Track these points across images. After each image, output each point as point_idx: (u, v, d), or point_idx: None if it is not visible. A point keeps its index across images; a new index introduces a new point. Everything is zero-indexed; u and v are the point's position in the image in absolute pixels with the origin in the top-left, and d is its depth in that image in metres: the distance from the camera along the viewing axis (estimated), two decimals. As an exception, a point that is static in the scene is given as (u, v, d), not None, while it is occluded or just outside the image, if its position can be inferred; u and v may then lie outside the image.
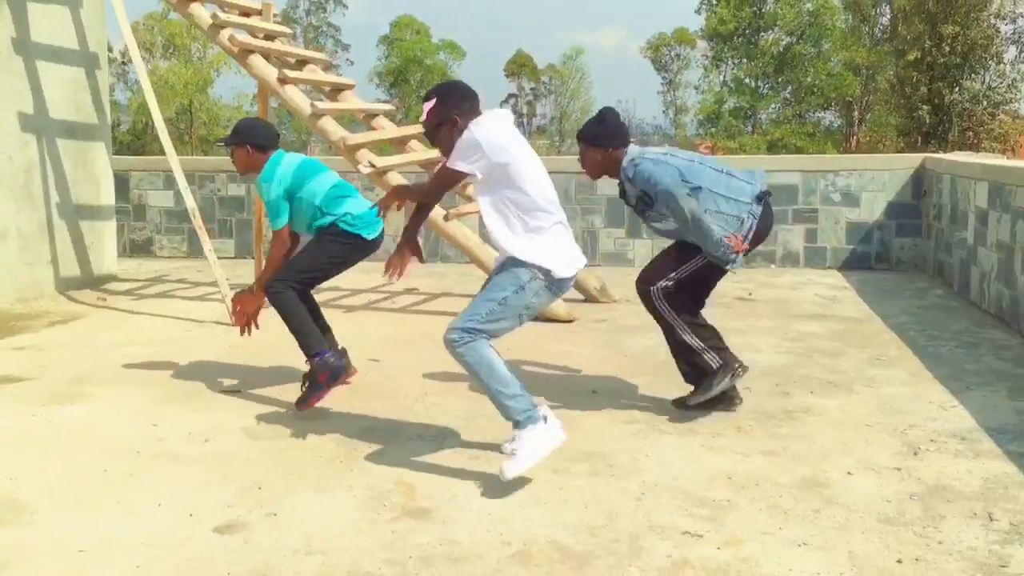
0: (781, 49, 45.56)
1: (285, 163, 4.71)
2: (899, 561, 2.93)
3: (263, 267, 4.92)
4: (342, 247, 4.71)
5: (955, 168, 7.94)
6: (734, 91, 47.51)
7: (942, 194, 8.31)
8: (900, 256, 9.11)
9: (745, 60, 46.74)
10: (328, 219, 4.69)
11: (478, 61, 56.98)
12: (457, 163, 3.54)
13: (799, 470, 3.74)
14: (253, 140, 4.73)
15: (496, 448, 3.89)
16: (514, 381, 3.54)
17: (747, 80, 47.15)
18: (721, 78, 49.50)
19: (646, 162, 4.32)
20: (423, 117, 3.67)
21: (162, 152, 7.23)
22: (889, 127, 26.65)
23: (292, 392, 4.66)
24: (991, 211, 6.82)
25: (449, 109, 3.59)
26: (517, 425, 3.53)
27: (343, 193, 4.77)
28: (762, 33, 46.58)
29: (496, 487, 3.53)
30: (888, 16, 35.64)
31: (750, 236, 4.40)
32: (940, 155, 9.24)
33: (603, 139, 4.40)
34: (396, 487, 3.58)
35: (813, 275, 8.84)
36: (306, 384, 4.56)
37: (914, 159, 9.27)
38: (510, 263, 3.60)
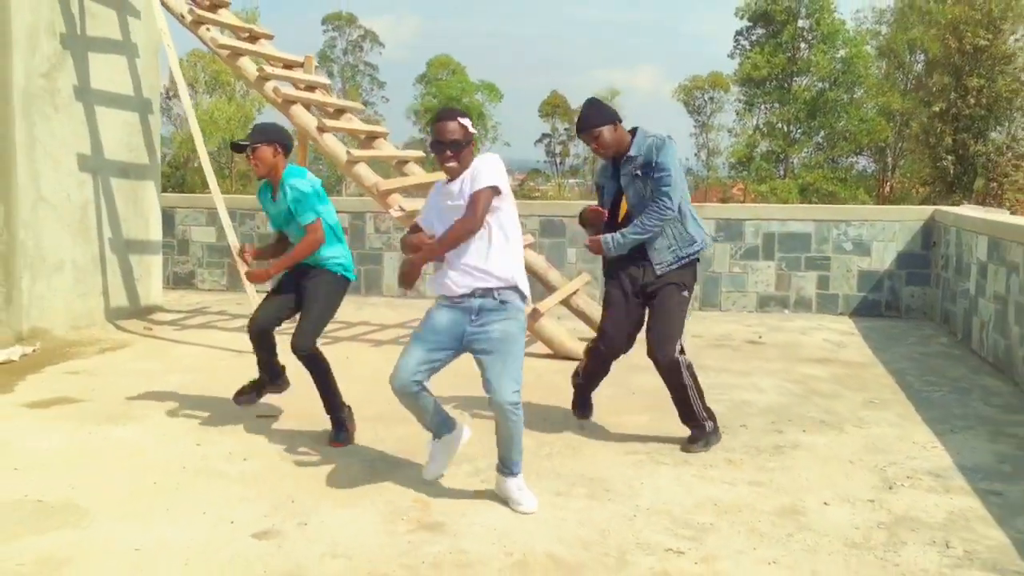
0: (814, 95, 45.87)
1: (308, 174, 4.99)
2: (856, 579, 3.29)
3: (287, 255, 4.93)
4: (342, 293, 5.04)
5: (961, 221, 8.28)
6: (766, 135, 47.79)
7: (949, 246, 8.64)
8: (909, 304, 9.42)
9: (778, 105, 47.08)
10: (336, 248, 4.95)
11: (511, 102, 57.74)
12: (497, 180, 3.83)
13: (780, 499, 4.11)
14: (280, 140, 4.85)
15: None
16: None
17: (780, 125, 47.45)
18: (754, 122, 49.83)
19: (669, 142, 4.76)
20: (463, 132, 3.86)
21: (201, 185, 7.75)
22: (919, 175, 26.90)
23: (318, 420, 5.07)
24: (990, 264, 7.15)
25: (468, 131, 3.90)
26: (516, 469, 3.99)
27: (340, 229, 5.12)
28: (795, 79, 46.98)
29: (498, 506, 3.93)
30: (922, 63, 36.01)
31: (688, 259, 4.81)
32: (949, 208, 9.56)
33: (614, 115, 4.81)
34: (413, 503, 3.99)
35: (824, 321, 9.17)
36: (334, 431, 4.93)
37: (925, 211, 9.61)
38: (505, 313, 3.89)
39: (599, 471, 4.44)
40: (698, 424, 4.82)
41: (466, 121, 3.90)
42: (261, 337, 5.02)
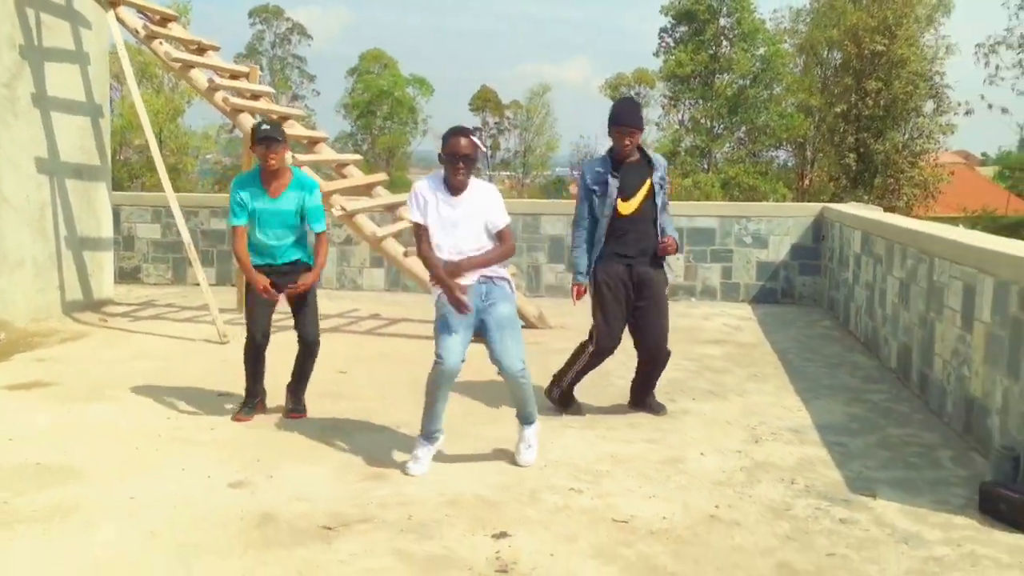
0: (736, 91, 47.36)
1: None
2: (716, 507, 4.17)
3: (317, 266, 5.40)
4: None
5: (843, 218, 9.32)
6: (690, 130, 49.15)
7: (834, 239, 9.69)
8: (802, 292, 10.47)
9: (701, 101, 48.51)
10: (305, 245, 5.50)
11: (442, 95, 58.04)
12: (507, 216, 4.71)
13: (666, 453, 4.99)
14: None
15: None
16: None
17: (703, 120, 48.87)
18: (679, 117, 51.15)
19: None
20: (474, 148, 4.48)
21: (127, 178, 8.34)
22: (826, 171, 28.36)
23: (276, 396, 5.79)
24: (863, 256, 8.18)
25: (479, 150, 4.54)
26: (531, 419, 4.82)
27: None
28: (717, 76, 48.46)
29: (437, 460, 4.73)
30: (839, 61, 37.61)
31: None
32: (834, 205, 10.63)
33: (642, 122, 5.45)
34: (361, 459, 4.77)
35: (726, 307, 10.15)
36: (296, 404, 5.59)
37: (814, 208, 10.67)
38: (505, 293, 4.69)
39: (516, 434, 5.26)
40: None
41: (476, 139, 4.53)
42: (264, 346, 5.44)
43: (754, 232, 10.55)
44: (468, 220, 4.58)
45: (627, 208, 5.40)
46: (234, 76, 8.65)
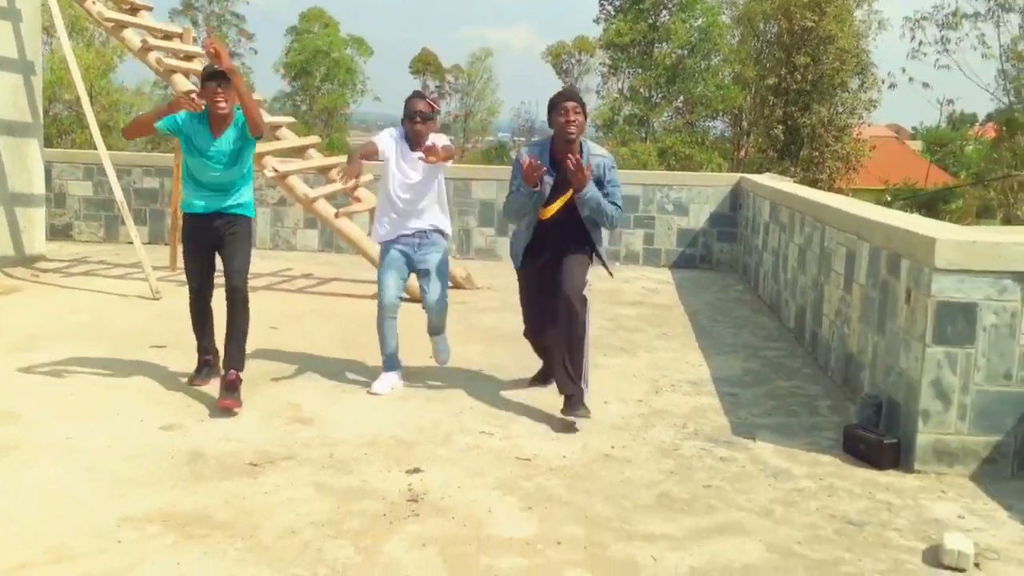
0: (674, 61, 47.89)
1: None
2: (612, 447, 4.61)
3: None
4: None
5: (756, 188, 9.83)
6: (629, 99, 49.60)
7: (749, 208, 10.20)
8: (720, 258, 10.99)
9: (640, 70, 48.97)
10: (251, 190, 5.35)
11: (383, 57, 57.54)
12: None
13: (573, 401, 5.39)
14: None
15: (361, 384, 5.44)
16: None
17: (642, 89, 49.35)
18: (618, 86, 51.54)
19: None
20: (430, 108, 5.42)
21: (56, 135, 8.45)
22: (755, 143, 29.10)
23: (210, 346, 6.07)
24: (771, 224, 8.68)
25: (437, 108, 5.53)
26: (443, 331, 5.74)
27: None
28: (656, 45, 48.94)
29: (357, 407, 5.09)
30: (774, 34, 38.35)
31: None
32: (750, 176, 11.16)
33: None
34: (287, 406, 5.10)
35: (647, 272, 10.62)
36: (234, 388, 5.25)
37: (733, 178, 11.18)
38: (437, 243, 5.51)
39: (437, 383, 5.64)
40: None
41: (431, 101, 5.54)
42: (203, 296, 5.42)
43: (675, 200, 11.02)
44: (420, 168, 5.40)
45: (547, 212, 5.02)
46: (167, 36, 8.77)
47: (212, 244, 5.30)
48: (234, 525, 3.58)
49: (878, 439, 4.40)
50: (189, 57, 8.82)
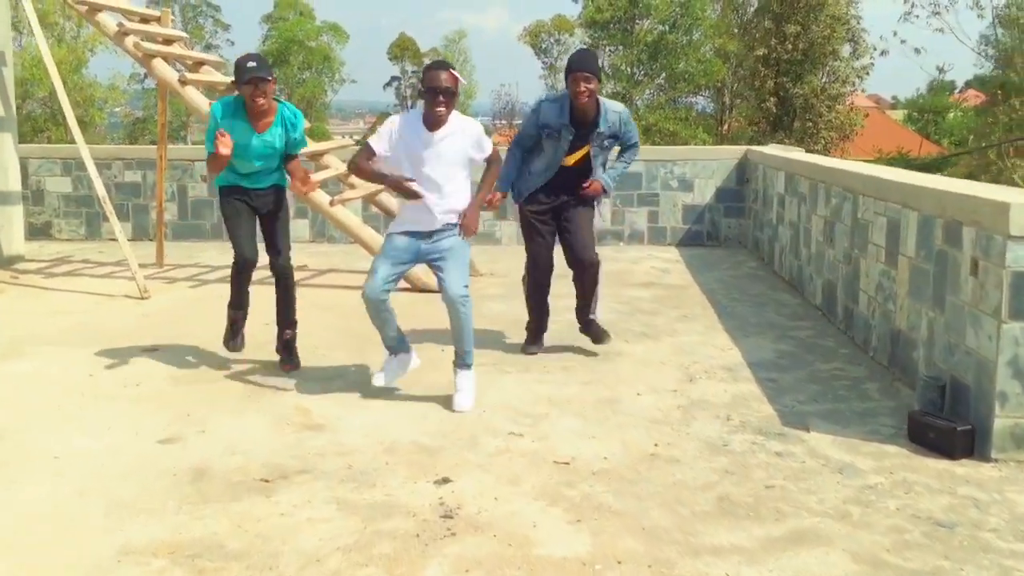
0: (655, 37, 47.41)
1: None
2: (656, 444, 4.21)
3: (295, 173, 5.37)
4: None
5: (766, 160, 9.43)
6: (611, 77, 49.08)
7: (758, 181, 9.80)
8: (727, 234, 10.59)
9: (621, 48, 48.46)
10: (282, 170, 5.40)
11: (359, 43, 56.74)
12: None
13: (602, 393, 5.00)
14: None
15: (370, 385, 5.02)
16: None
17: (623, 67, 48.85)
18: (600, 64, 50.93)
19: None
20: (454, 81, 4.52)
21: (31, 132, 7.97)
22: (746, 116, 28.69)
23: (203, 348, 5.66)
24: (787, 196, 8.29)
25: (457, 84, 4.54)
26: (468, 359, 4.82)
27: None
28: (637, 22, 48.41)
29: (373, 409, 4.67)
30: (755, 6, 37.98)
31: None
32: (758, 148, 10.75)
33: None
34: (295, 411, 4.68)
35: (653, 251, 10.22)
36: (291, 350, 5.48)
37: (738, 151, 10.77)
38: (455, 229, 4.71)
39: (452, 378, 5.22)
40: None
41: (455, 72, 4.56)
42: (250, 265, 5.34)
43: (679, 176, 10.61)
44: (441, 156, 4.62)
45: (569, 160, 5.56)
46: (144, 20, 8.27)
47: (254, 212, 5.33)
48: (251, 554, 3.16)
49: (950, 426, 4.02)
50: (168, 41, 8.32)
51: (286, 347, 5.49)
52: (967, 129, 43.36)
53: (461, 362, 4.81)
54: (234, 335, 5.49)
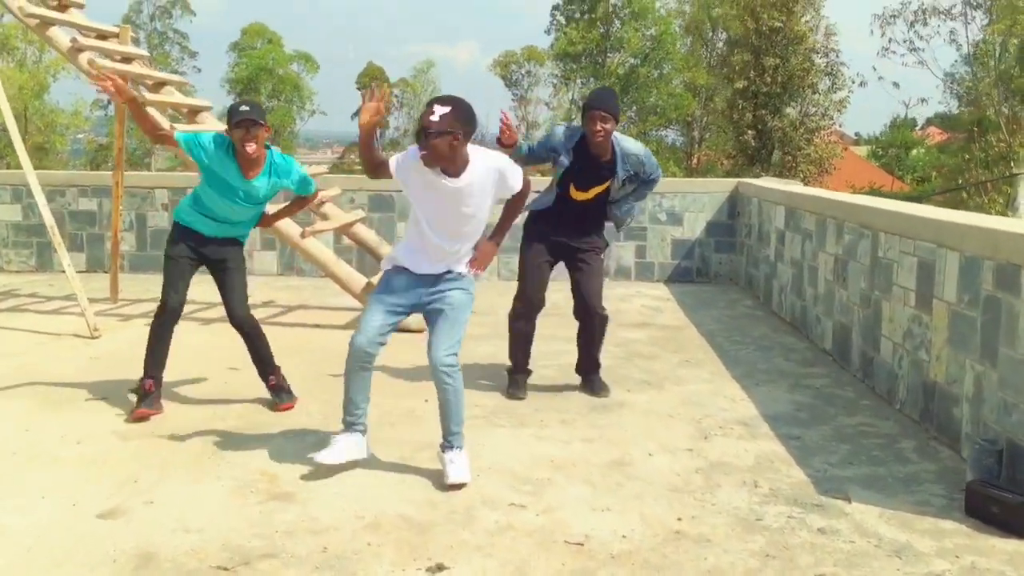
0: (627, 70, 47.46)
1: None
2: (679, 519, 3.65)
3: (281, 211, 5.30)
4: None
5: (762, 193, 8.98)
6: (580, 110, 48.88)
7: (751, 215, 9.35)
8: (718, 270, 10.12)
9: (593, 80, 48.45)
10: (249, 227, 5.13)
11: (328, 73, 56.39)
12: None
13: (610, 453, 4.44)
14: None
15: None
16: None
17: (594, 100, 48.73)
18: (570, 96, 50.99)
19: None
20: (433, 117, 3.69)
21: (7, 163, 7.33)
22: (724, 148, 28.52)
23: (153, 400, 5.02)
24: (787, 231, 7.82)
25: (458, 123, 3.72)
26: (454, 441, 4.06)
27: None
28: (609, 55, 48.46)
29: (350, 473, 4.07)
30: (723, 41, 38.10)
31: None
32: (750, 180, 10.31)
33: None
34: (260, 476, 4.06)
35: (642, 287, 9.71)
36: (281, 390, 5.13)
37: (729, 183, 10.32)
38: (466, 281, 4.08)
39: (440, 435, 4.63)
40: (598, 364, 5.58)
41: (441, 108, 3.74)
42: (174, 315, 4.99)
43: (668, 209, 10.14)
44: (459, 203, 3.92)
45: (580, 196, 5.29)
46: (101, 36, 7.66)
47: (201, 262, 5.01)
48: (202, 675, 2.55)
49: (1020, 500, 3.50)
50: (127, 59, 7.72)
51: (276, 389, 5.14)
52: (930, 166, 43.69)
53: (448, 445, 4.07)
54: (144, 403, 4.90)
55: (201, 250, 4.95)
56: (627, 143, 5.25)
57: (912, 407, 4.97)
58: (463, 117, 3.78)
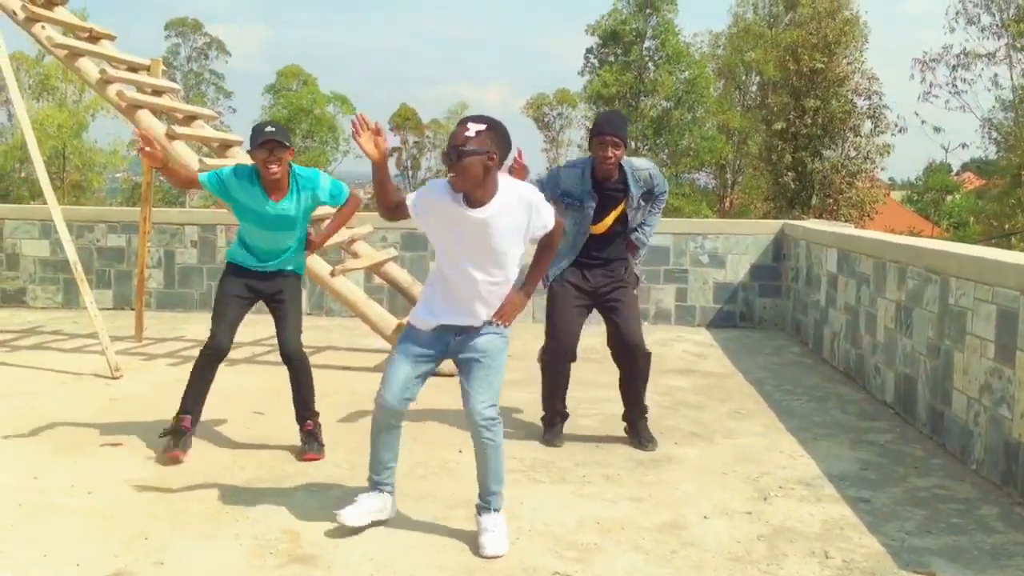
0: (660, 113, 47.34)
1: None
2: (745, 595, 3.26)
3: (330, 227, 5.03)
4: None
5: (810, 235, 8.60)
6: (614, 151, 48.76)
7: (799, 258, 8.96)
8: (762, 315, 9.71)
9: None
10: (301, 254, 4.94)
11: (363, 112, 56.46)
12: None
13: (661, 515, 4.06)
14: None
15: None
16: None
17: (628, 142, 48.64)
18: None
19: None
20: (468, 133, 3.39)
21: (30, 196, 7.16)
22: (758, 191, 28.15)
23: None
24: (840, 276, 7.43)
25: (494, 144, 3.43)
26: (493, 503, 3.70)
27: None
28: (642, 98, 48.39)
29: (378, 532, 3.72)
30: (756, 85, 37.91)
31: None
32: (797, 222, 9.93)
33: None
34: (281, 535, 3.72)
35: (683, 332, 9.33)
36: (314, 440, 4.83)
37: (774, 225, 9.95)
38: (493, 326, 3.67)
39: (476, 492, 4.27)
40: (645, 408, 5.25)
41: (476, 126, 3.42)
42: (222, 353, 4.79)
43: (711, 251, 9.77)
44: (487, 237, 3.52)
45: (598, 229, 5.05)
46: (132, 68, 7.50)
47: (256, 298, 4.85)
48: None
49: None
50: (158, 92, 7.54)
51: (309, 436, 4.85)
52: (967, 211, 43.01)
53: (485, 506, 3.71)
54: (179, 444, 4.68)
55: (255, 285, 4.81)
56: (635, 160, 5.01)
57: (992, 468, 4.54)
58: (499, 138, 3.46)
